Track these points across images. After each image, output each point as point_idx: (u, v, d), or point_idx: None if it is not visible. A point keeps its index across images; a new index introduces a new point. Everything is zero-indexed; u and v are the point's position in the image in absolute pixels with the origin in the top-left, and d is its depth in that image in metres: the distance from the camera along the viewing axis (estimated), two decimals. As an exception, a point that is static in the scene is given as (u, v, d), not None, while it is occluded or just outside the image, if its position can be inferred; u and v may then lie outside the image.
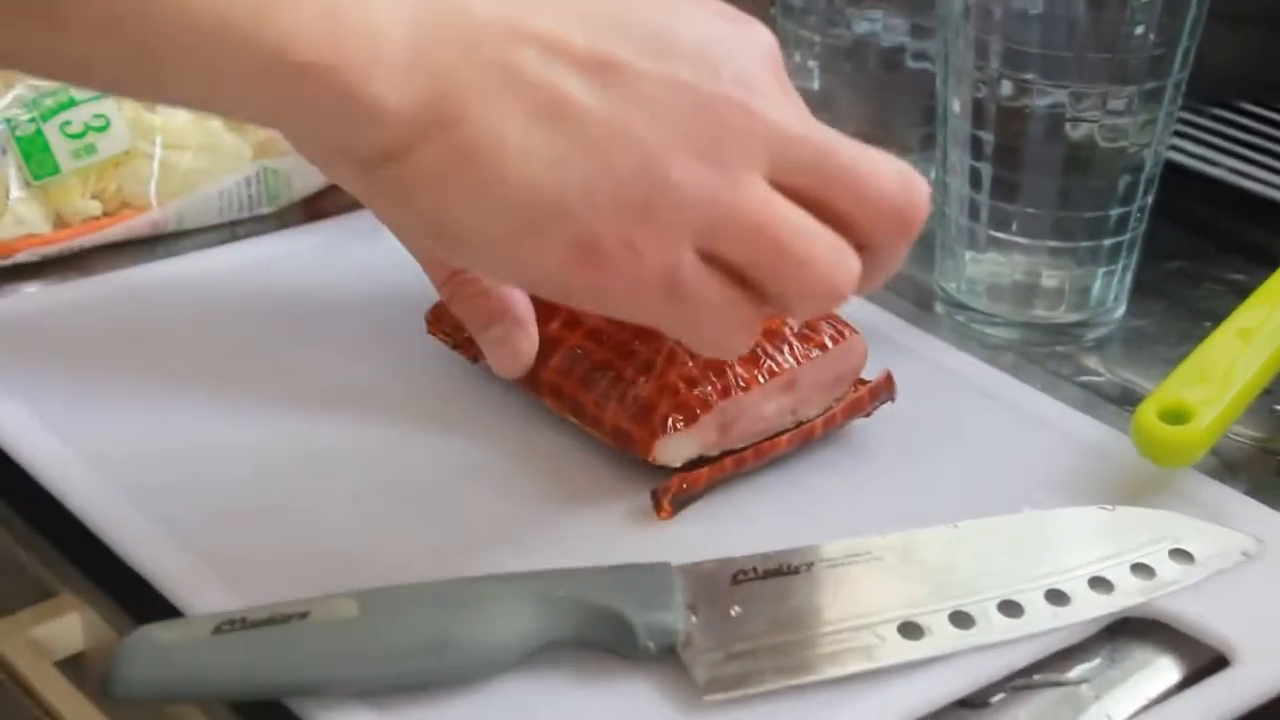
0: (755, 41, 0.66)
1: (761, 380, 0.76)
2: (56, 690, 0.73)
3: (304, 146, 0.78)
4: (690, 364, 0.75)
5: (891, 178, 0.66)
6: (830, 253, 0.65)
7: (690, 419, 0.74)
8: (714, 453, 0.76)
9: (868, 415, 0.79)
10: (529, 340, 0.77)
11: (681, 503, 0.75)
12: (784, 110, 0.65)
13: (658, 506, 0.74)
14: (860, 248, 0.66)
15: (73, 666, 0.75)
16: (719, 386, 0.75)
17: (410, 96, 0.60)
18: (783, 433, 0.77)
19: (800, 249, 0.64)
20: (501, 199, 0.62)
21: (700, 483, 0.75)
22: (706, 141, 0.63)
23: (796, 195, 0.64)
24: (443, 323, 0.83)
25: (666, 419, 0.74)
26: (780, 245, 0.64)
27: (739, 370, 0.75)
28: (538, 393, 0.79)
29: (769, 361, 0.76)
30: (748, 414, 0.76)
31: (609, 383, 0.76)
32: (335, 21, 0.58)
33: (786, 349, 0.77)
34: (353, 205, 0.95)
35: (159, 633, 0.65)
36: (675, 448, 0.75)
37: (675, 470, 0.75)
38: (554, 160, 0.62)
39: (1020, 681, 0.68)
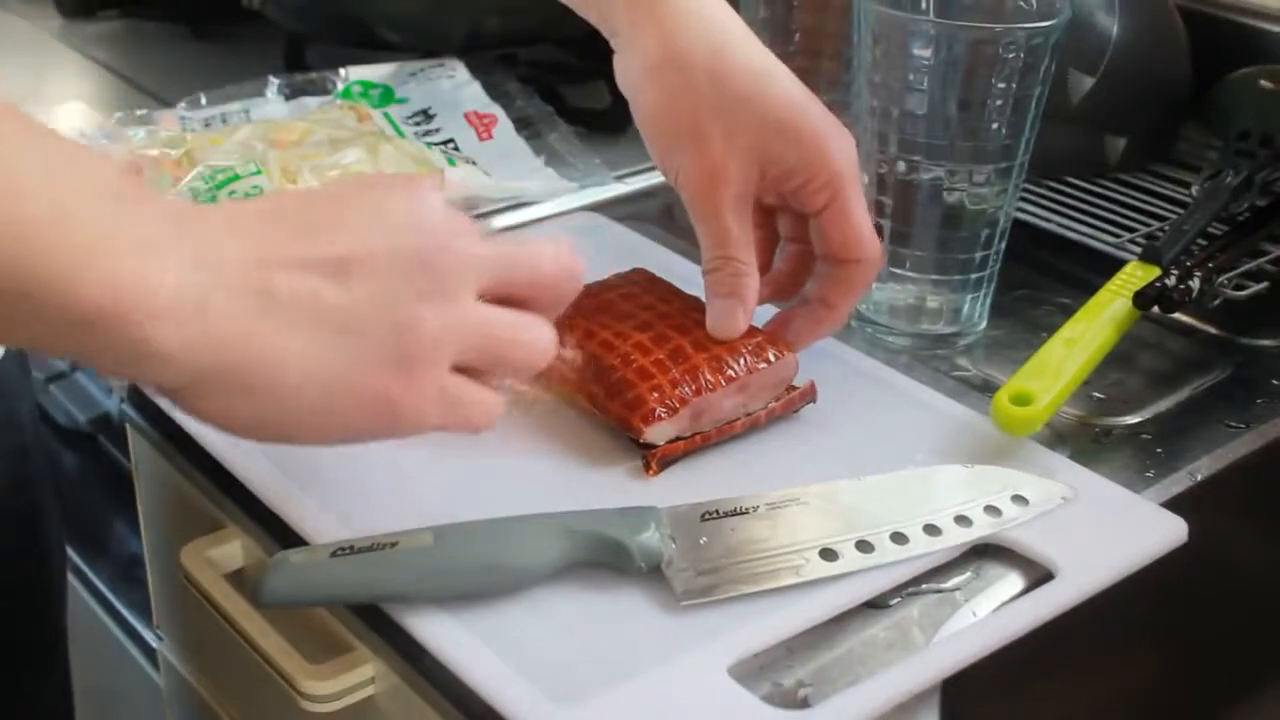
0: (428, 194, 0.62)
1: (723, 384, 0.75)
2: (225, 595, 0.73)
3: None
4: (673, 371, 0.75)
5: (550, 261, 0.65)
6: (533, 331, 0.64)
7: (672, 411, 0.74)
8: (687, 434, 0.75)
9: (796, 411, 0.78)
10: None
11: (664, 464, 0.74)
12: (470, 239, 0.62)
13: (647, 467, 0.74)
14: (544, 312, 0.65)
15: (236, 578, 0.75)
16: (694, 388, 0.74)
17: (190, 337, 0.55)
18: (736, 420, 0.76)
19: (516, 336, 0.63)
20: (293, 400, 0.59)
21: (678, 451, 0.74)
22: (431, 286, 0.60)
23: (497, 298, 0.63)
24: None
25: (654, 410, 0.73)
26: (501, 340, 0.63)
27: (708, 376, 0.75)
28: (561, 386, 0.78)
29: (729, 370, 0.75)
30: (712, 407, 0.75)
31: (614, 382, 0.75)
32: (115, 277, 0.53)
33: (741, 361, 0.76)
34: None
35: (292, 556, 0.65)
36: (660, 431, 0.74)
37: (658, 445, 0.74)
38: (326, 352, 0.58)
39: (911, 590, 0.68)
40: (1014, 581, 0.69)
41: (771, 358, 0.77)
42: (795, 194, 0.77)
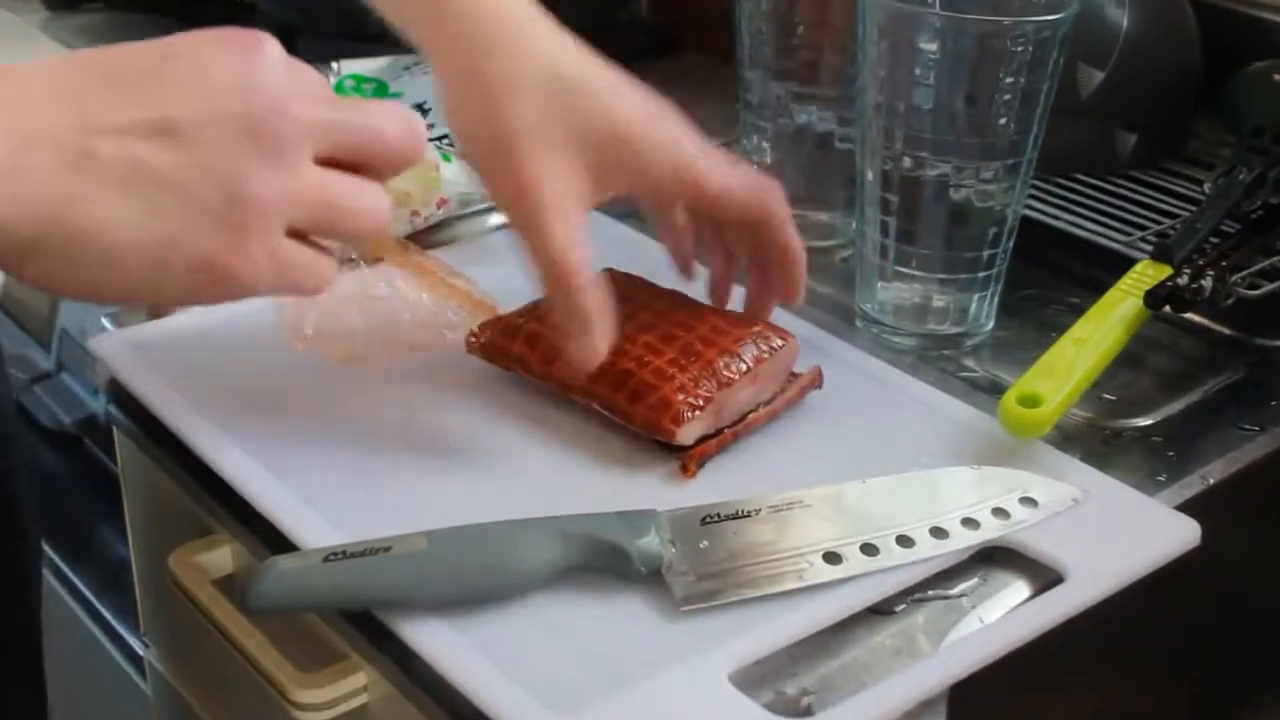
0: (266, 53, 0.62)
1: (739, 376, 0.75)
2: (214, 601, 0.73)
3: None
4: (691, 369, 0.75)
5: (392, 124, 0.64)
6: (368, 197, 0.64)
7: (699, 409, 0.74)
8: (713, 430, 0.75)
9: (801, 400, 0.79)
10: (606, 340, 0.74)
11: (702, 463, 0.75)
12: (307, 101, 0.62)
13: (685, 469, 0.74)
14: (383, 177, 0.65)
15: (225, 584, 0.75)
16: (715, 383, 0.75)
17: (10, 204, 0.56)
18: (756, 411, 0.77)
19: (351, 204, 0.63)
20: (120, 262, 0.59)
21: (712, 450, 0.75)
22: (263, 150, 0.60)
23: (336, 161, 0.63)
24: (480, 345, 0.81)
25: (683, 412, 0.73)
26: (339, 203, 0.62)
27: (724, 370, 0.75)
28: (571, 393, 0.78)
29: (742, 361, 0.76)
30: (730, 401, 0.75)
31: (634, 386, 0.75)
32: None
33: (750, 351, 0.76)
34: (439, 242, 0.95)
35: (283, 561, 0.65)
36: (690, 431, 0.74)
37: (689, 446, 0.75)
38: (151, 213, 0.59)
39: (917, 595, 0.68)
40: (1022, 586, 0.69)
41: (776, 344, 0.77)
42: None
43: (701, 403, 0.74)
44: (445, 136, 1.06)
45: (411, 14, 0.76)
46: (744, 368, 0.76)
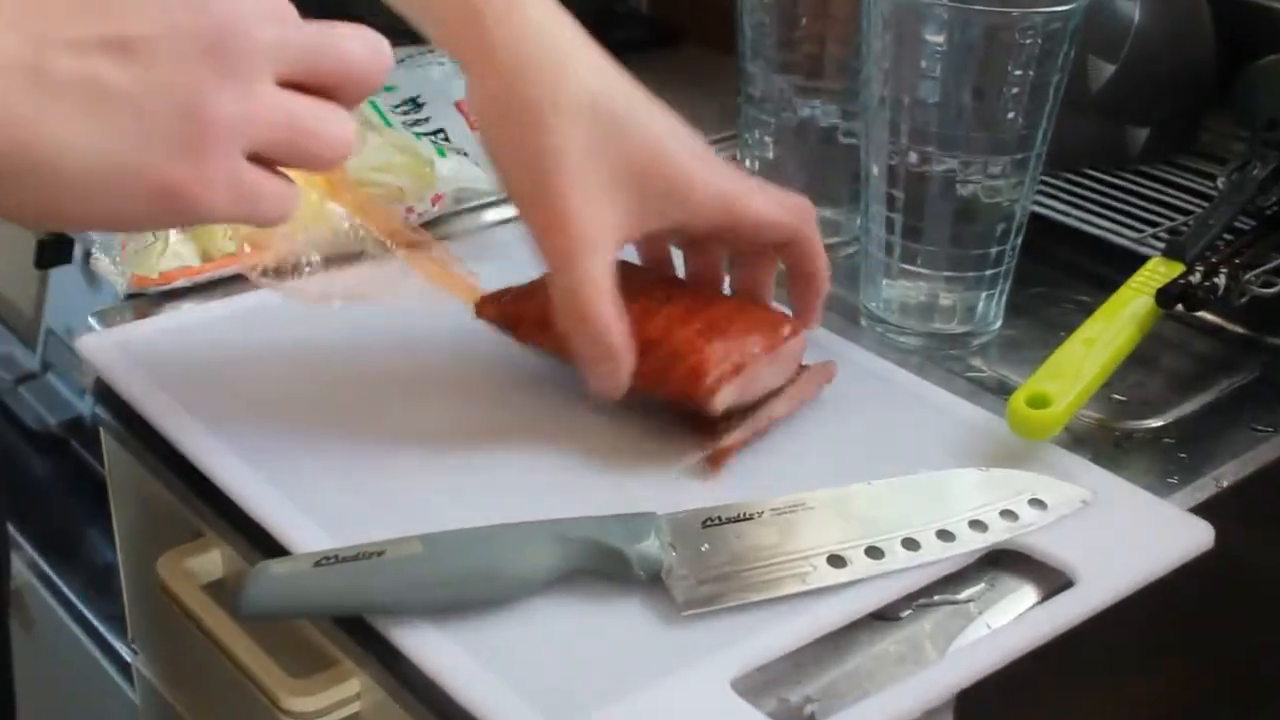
0: None
1: (764, 350, 0.76)
2: (203, 606, 0.73)
3: None
4: (717, 341, 0.75)
5: (359, 46, 0.63)
6: (334, 123, 0.62)
7: (733, 374, 0.74)
8: (737, 405, 0.75)
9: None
10: (629, 370, 0.74)
11: (725, 460, 0.75)
12: (269, 22, 0.60)
13: (714, 465, 0.75)
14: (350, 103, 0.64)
15: (215, 589, 0.75)
16: (743, 354, 0.75)
17: None
18: (778, 395, 0.78)
19: (315, 127, 0.62)
20: (77, 187, 0.58)
21: (738, 445, 0.75)
22: (222, 70, 0.58)
23: (300, 84, 0.61)
24: (491, 308, 0.81)
25: (717, 377, 0.74)
26: (300, 130, 0.61)
27: (750, 346, 0.75)
28: None
29: (762, 340, 0.76)
30: (756, 375, 0.76)
31: (664, 355, 0.75)
32: None
33: (770, 332, 0.77)
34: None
35: (274, 566, 0.65)
36: (724, 399, 0.74)
37: (711, 427, 0.75)
38: (110, 134, 0.57)
39: (923, 601, 0.68)
40: (1030, 591, 0.69)
41: (788, 331, 0.78)
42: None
43: (732, 369, 0.74)
44: (441, 130, 1.06)
45: (450, 32, 0.76)
46: (769, 344, 0.76)
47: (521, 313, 0.79)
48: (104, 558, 1.19)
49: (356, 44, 0.63)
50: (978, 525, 0.70)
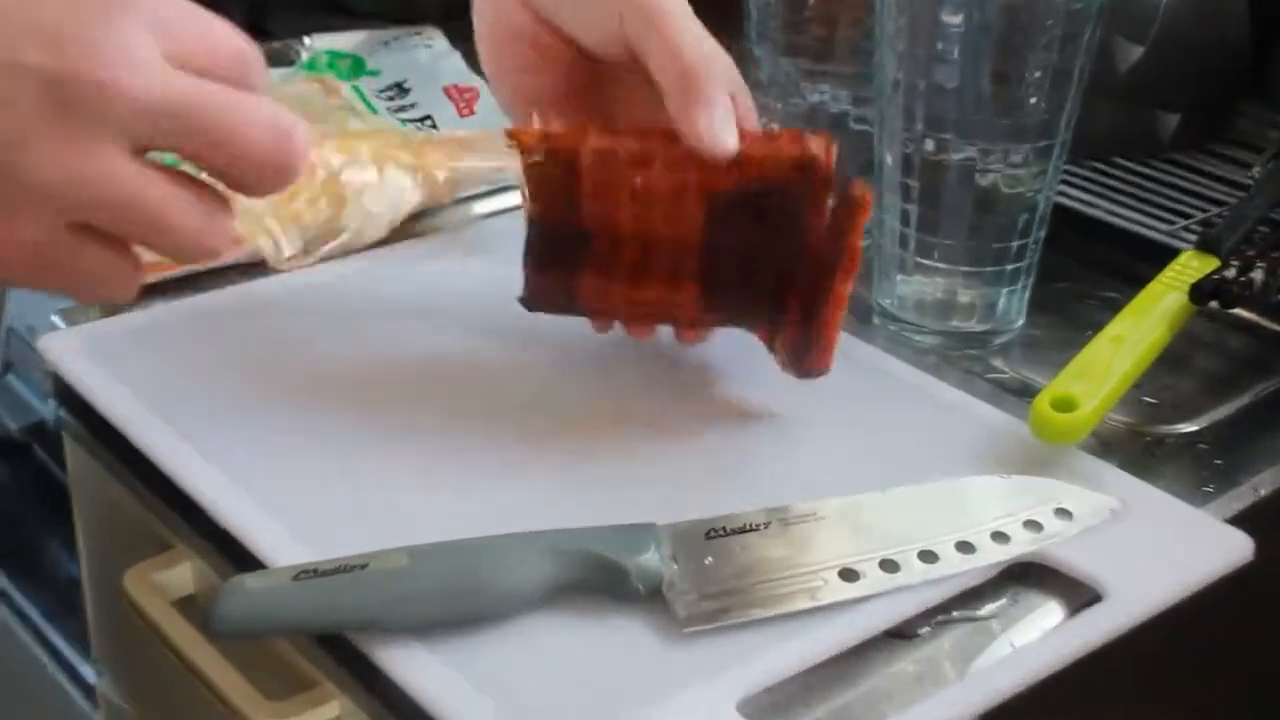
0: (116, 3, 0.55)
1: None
2: (173, 624, 0.73)
3: None
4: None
5: (264, 133, 0.57)
6: (199, 219, 0.57)
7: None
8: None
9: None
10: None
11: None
12: (143, 74, 0.54)
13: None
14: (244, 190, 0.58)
15: (186, 606, 0.75)
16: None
17: None
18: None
19: (167, 219, 0.56)
20: None
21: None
22: (60, 124, 0.53)
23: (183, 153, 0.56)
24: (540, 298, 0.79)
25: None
26: (147, 216, 0.56)
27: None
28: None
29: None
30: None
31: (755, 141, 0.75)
32: None
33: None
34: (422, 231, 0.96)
35: (249, 580, 0.65)
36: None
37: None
38: None
39: (942, 618, 0.68)
40: (1056, 607, 0.69)
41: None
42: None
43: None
44: (429, 117, 1.05)
45: None
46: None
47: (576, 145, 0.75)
48: (67, 572, 1.19)
49: (258, 131, 0.57)
50: (999, 536, 0.70)
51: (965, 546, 0.69)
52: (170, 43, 0.56)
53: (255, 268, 0.92)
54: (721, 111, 0.73)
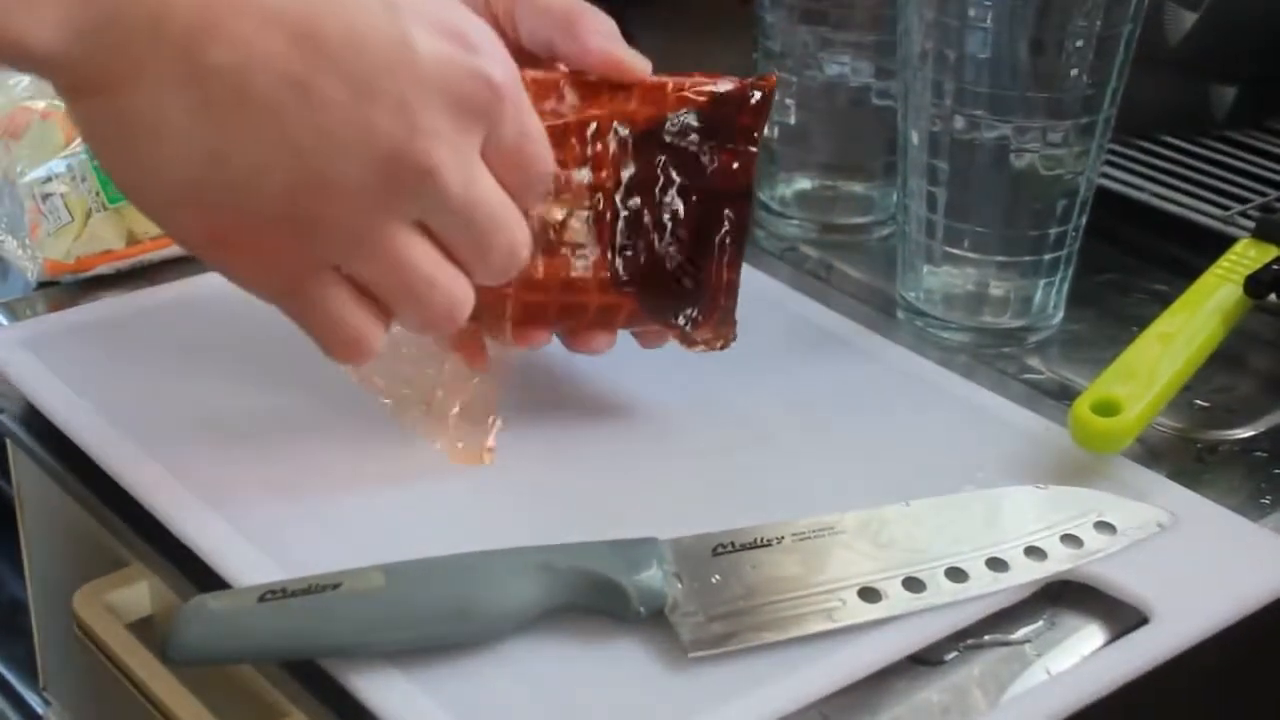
0: (476, 76, 0.63)
1: None
2: (128, 649, 0.73)
3: None
4: None
5: (504, 251, 0.66)
6: (447, 298, 0.66)
7: None
8: None
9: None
10: None
11: None
12: (462, 174, 0.63)
13: None
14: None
15: (142, 629, 0.75)
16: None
17: (61, 48, 0.57)
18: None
19: (423, 293, 0.65)
20: (151, 172, 0.61)
21: None
22: (376, 189, 0.62)
23: (433, 233, 0.65)
24: None
25: None
26: (408, 285, 0.65)
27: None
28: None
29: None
30: None
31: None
32: None
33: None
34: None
35: (211, 602, 0.65)
36: None
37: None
38: (211, 156, 0.60)
39: (971, 642, 0.68)
40: (1097, 630, 0.69)
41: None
42: None
43: None
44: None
45: None
46: None
47: None
48: (11, 592, 1.19)
49: (502, 238, 0.66)
50: (1035, 552, 0.70)
51: (997, 564, 0.70)
52: (494, 142, 0.65)
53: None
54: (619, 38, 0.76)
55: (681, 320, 0.77)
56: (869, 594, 0.68)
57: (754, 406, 0.81)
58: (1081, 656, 0.68)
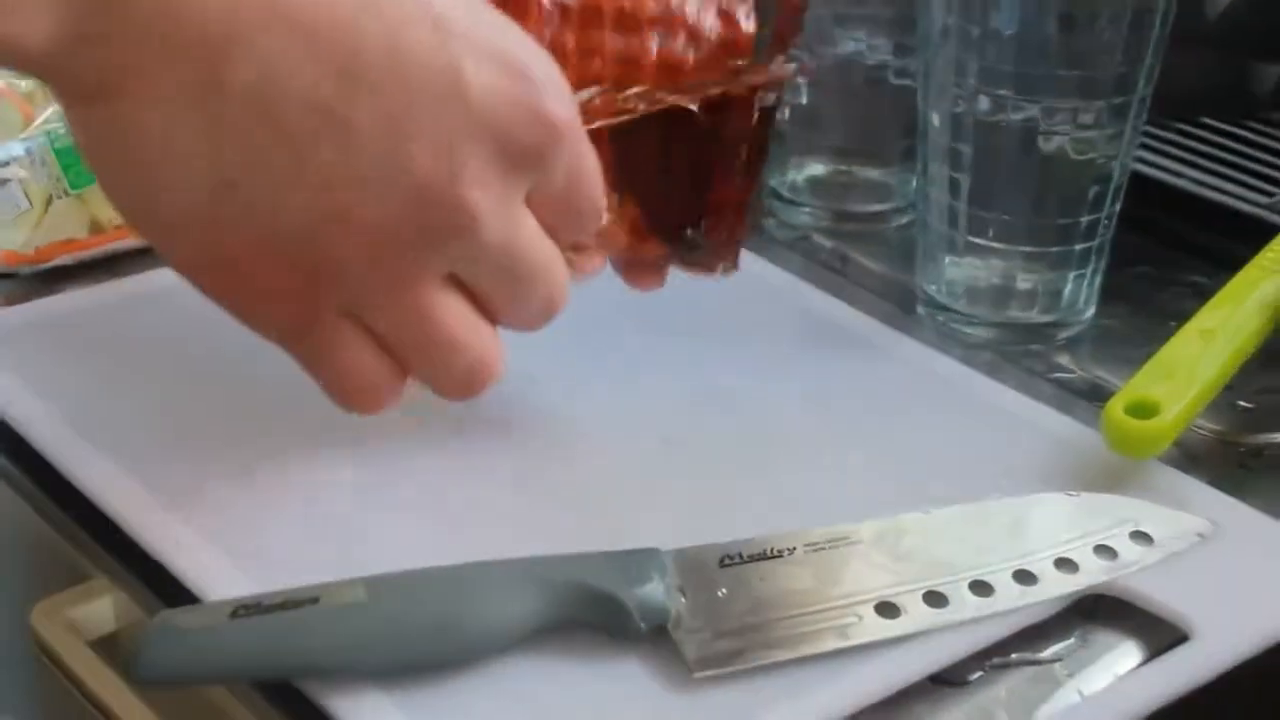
0: (533, 117, 0.61)
1: None
2: (91, 668, 0.73)
3: None
4: None
5: (540, 303, 0.66)
6: (467, 363, 0.65)
7: None
8: None
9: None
10: None
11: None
12: (500, 223, 0.61)
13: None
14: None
15: (106, 646, 0.75)
16: None
17: (60, 48, 0.55)
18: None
19: (443, 355, 0.64)
20: (151, 193, 0.59)
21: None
22: (404, 235, 0.60)
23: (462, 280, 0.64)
24: None
25: None
26: (428, 344, 0.63)
27: None
28: None
29: None
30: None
31: None
32: None
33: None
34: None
35: (179, 618, 0.65)
36: None
37: None
38: (222, 182, 0.58)
39: (997, 660, 0.68)
40: (1133, 648, 0.69)
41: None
42: None
43: None
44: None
45: None
46: None
47: None
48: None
49: (540, 291, 0.65)
50: (1066, 565, 0.70)
51: (1025, 576, 0.70)
52: (544, 186, 0.63)
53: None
54: None
55: (688, 233, 0.77)
56: (887, 609, 0.68)
57: (762, 408, 0.81)
58: (1116, 676, 0.68)
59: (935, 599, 0.68)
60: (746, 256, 0.83)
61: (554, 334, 0.78)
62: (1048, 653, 0.69)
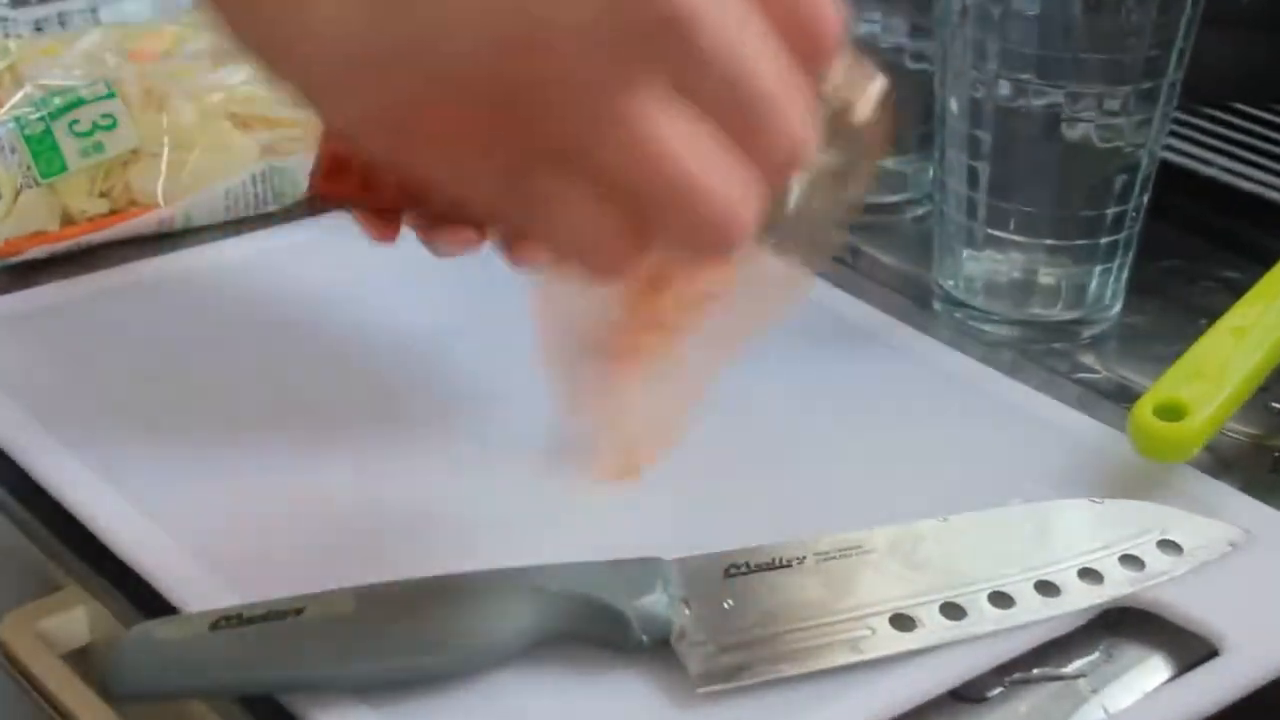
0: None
1: None
2: (63, 683, 0.72)
3: None
4: None
5: (782, 134, 0.54)
6: (719, 197, 0.54)
7: None
8: None
9: None
10: None
11: None
12: (720, 17, 0.51)
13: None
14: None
15: (79, 659, 0.75)
16: None
17: None
18: None
19: (691, 181, 0.53)
20: (299, 36, 0.53)
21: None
22: (607, 42, 0.50)
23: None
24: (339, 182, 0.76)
25: None
26: (662, 177, 0.53)
27: None
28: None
29: None
30: None
31: None
32: None
33: None
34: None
35: (157, 630, 0.65)
36: None
37: None
38: (380, 3, 0.51)
39: (1019, 676, 0.68)
40: (1160, 663, 0.69)
41: None
42: None
43: None
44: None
45: None
46: None
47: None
48: (-70, 619, 1.19)
49: (779, 119, 0.54)
50: (1090, 575, 0.70)
51: (1047, 587, 0.70)
52: None
53: (161, 240, 0.93)
54: None
55: None
56: (902, 621, 0.68)
57: (771, 409, 0.82)
58: (1143, 693, 0.68)
59: (953, 611, 0.68)
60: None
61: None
62: (1071, 668, 0.69)
